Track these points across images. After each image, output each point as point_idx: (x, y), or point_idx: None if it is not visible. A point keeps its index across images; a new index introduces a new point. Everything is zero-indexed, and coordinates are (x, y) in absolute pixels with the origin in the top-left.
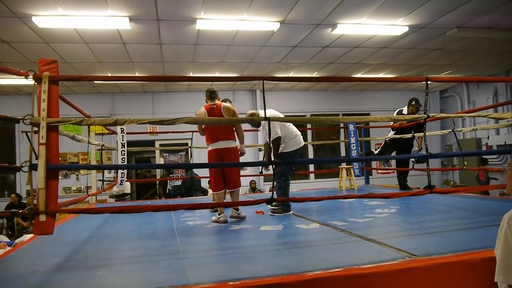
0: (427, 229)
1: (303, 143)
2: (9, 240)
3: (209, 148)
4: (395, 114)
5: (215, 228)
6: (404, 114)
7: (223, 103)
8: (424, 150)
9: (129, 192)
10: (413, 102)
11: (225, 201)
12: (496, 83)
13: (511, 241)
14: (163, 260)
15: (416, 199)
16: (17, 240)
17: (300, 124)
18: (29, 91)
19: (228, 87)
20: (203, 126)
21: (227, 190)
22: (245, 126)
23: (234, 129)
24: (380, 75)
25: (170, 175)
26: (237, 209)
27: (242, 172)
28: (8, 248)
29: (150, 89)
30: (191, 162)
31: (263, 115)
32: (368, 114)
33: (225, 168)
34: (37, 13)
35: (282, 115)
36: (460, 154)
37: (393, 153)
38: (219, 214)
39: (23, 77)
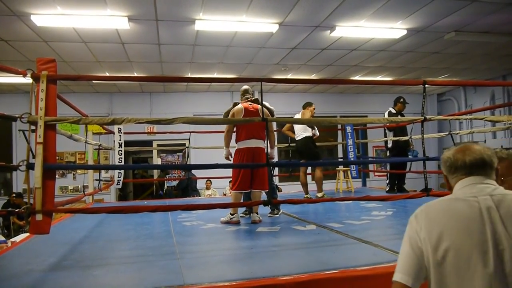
0: None
1: None
2: (4, 239)
3: (240, 147)
4: (386, 115)
5: (212, 229)
6: (395, 114)
7: (259, 106)
8: (421, 152)
9: None
10: (401, 100)
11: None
12: (493, 87)
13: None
14: (159, 260)
15: (412, 202)
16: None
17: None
18: (27, 90)
19: (226, 88)
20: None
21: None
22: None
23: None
24: (378, 77)
25: (167, 176)
26: (257, 213)
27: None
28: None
29: (148, 89)
30: (188, 162)
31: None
32: (366, 117)
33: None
34: (36, 11)
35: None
36: None
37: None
38: (231, 214)
39: (21, 75)
